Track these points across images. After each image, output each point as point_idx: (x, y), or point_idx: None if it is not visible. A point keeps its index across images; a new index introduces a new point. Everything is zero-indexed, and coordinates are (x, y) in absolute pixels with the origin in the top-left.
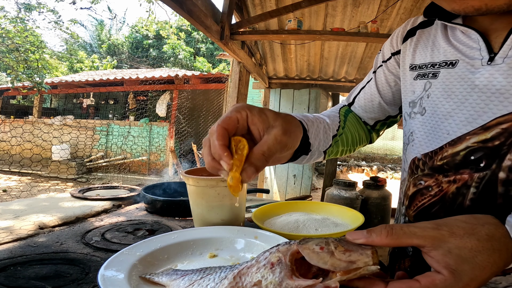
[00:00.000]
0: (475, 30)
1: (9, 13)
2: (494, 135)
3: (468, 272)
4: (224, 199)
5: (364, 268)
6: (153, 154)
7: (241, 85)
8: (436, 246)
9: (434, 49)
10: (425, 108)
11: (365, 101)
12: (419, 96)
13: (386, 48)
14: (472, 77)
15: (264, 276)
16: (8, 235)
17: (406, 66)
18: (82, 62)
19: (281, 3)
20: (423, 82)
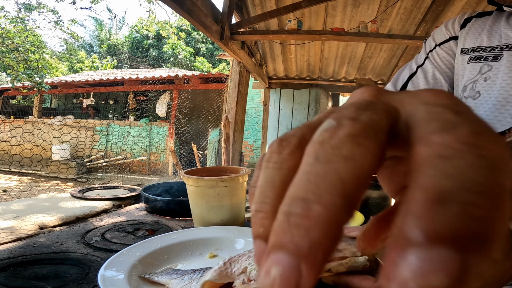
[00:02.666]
0: None
1: (9, 13)
2: None
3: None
4: (224, 199)
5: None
6: (153, 154)
7: (241, 85)
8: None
9: (493, 33)
10: (479, 91)
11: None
12: (471, 79)
13: (439, 34)
14: None
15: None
16: (8, 235)
17: (458, 52)
18: (82, 62)
19: (281, 3)
20: (478, 65)
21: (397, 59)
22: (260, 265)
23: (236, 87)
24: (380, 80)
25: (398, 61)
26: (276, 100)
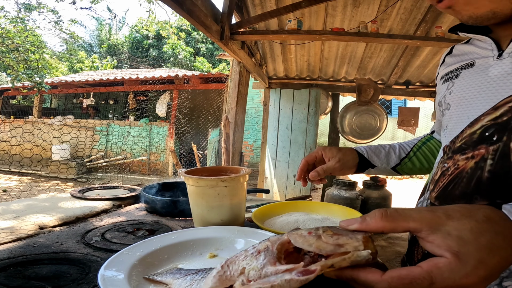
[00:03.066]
0: (489, 37)
1: (9, 13)
2: (503, 112)
3: (473, 253)
4: (224, 199)
5: (354, 253)
6: (153, 154)
7: (241, 85)
8: (434, 229)
9: (462, 57)
10: (449, 103)
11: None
12: (443, 95)
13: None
14: (486, 71)
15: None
16: (8, 235)
17: (439, 78)
18: (82, 62)
19: (281, 3)
20: (446, 84)
21: (397, 59)
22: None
23: (236, 87)
24: (380, 80)
25: (398, 61)
26: (276, 100)
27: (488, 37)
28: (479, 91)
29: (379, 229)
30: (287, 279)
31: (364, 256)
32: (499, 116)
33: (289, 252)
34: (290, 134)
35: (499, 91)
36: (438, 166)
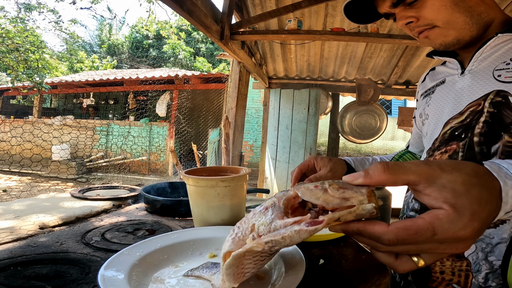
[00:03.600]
0: (456, 59)
1: (9, 13)
2: (467, 116)
3: (467, 206)
4: (224, 199)
5: (359, 207)
6: (153, 154)
7: (241, 85)
8: (431, 182)
9: (436, 77)
10: (427, 114)
11: (414, 139)
12: (422, 108)
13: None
14: (453, 85)
15: (257, 220)
16: (8, 235)
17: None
18: (82, 62)
19: (281, 3)
20: (425, 99)
21: (397, 59)
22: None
23: (236, 87)
24: (380, 80)
25: (398, 61)
26: (276, 100)
27: (455, 59)
28: (448, 101)
29: (382, 183)
30: (297, 230)
31: (368, 209)
32: (464, 118)
33: (294, 207)
34: (290, 134)
35: (463, 100)
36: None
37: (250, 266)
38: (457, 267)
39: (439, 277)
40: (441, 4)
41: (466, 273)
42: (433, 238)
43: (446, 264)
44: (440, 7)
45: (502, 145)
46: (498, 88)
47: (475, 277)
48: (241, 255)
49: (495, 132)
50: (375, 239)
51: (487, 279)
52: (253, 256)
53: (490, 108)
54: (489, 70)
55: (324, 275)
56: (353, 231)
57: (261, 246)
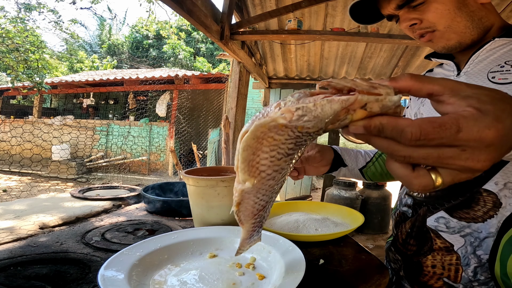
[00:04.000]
0: (453, 61)
1: (9, 13)
2: None
3: (492, 110)
4: (224, 199)
5: (386, 96)
6: (153, 154)
7: (241, 85)
8: (455, 93)
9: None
10: (422, 113)
11: None
12: (418, 107)
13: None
14: None
15: (284, 99)
16: (8, 235)
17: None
18: (82, 62)
19: (281, 3)
20: (421, 99)
21: (397, 59)
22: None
23: (236, 87)
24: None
25: (398, 61)
26: (276, 100)
27: (451, 61)
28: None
29: (407, 87)
30: (329, 99)
31: (395, 101)
32: None
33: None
34: None
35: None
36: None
37: (265, 163)
38: (447, 261)
39: (431, 271)
40: (445, 8)
41: (456, 267)
42: (457, 136)
43: (437, 258)
44: (443, 11)
45: None
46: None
47: (464, 270)
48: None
49: None
50: (397, 134)
51: (476, 273)
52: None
53: None
54: (484, 72)
55: (324, 275)
56: (375, 126)
57: (290, 114)
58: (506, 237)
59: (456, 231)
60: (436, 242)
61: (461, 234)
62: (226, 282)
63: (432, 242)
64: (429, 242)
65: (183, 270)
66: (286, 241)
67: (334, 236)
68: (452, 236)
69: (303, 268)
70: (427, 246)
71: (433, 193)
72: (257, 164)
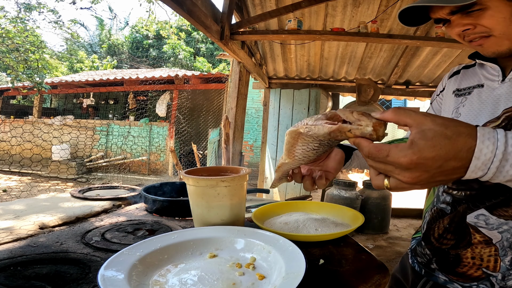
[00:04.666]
0: (498, 65)
1: (9, 13)
2: (502, 120)
3: (420, 144)
4: (224, 199)
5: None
6: (153, 154)
7: (241, 85)
8: (418, 127)
9: (472, 79)
10: (460, 113)
11: None
12: (456, 106)
13: (438, 87)
14: (492, 91)
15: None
16: (8, 235)
17: (449, 91)
18: (82, 62)
19: (281, 3)
20: (460, 98)
21: (397, 59)
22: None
23: (236, 87)
24: (380, 80)
25: (398, 61)
26: (276, 100)
27: (497, 65)
28: (486, 105)
29: (389, 119)
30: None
31: (367, 131)
32: (500, 123)
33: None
34: None
35: (500, 106)
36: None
37: (299, 150)
38: (487, 253)
39: (470, 262)
40: (501, 16)
41: (495, 257)
42: (387, 159)
43: (476, 250)
44: (499, 18)
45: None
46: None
47: (502, 260)
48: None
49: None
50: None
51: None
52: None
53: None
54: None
55: (324, 275)
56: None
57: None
58: None
59: (494, 228)
60: (476, 236)
61: (498, 230)
62: (226, 282)
63: (471, 237)
64: (468, 237)
65: (183, 270)
66: (286, 241)
67: (334, 236)
68: (491, 232)
69: (303, 268)
70: (466, 241)
71: (473, 192)
72: (293, 151)
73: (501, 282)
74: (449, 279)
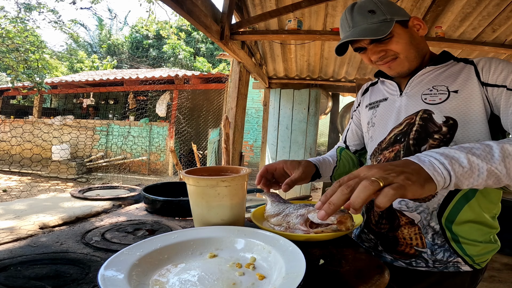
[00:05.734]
0: (395, 82)
1: (9, 13)
2: (404, 125)
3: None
4: (224, 199)
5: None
6: (153, 154)
7: (241, 85)
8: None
9: (378, 94)
10: (374, 122)
11: (352, 136)
12: (370, 117)
13: (355, 101)
14: (394, 103)
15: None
16: (8, 235)
17: (363, 106)
18: (82, 62)
19: (281, 3)
20: (371, 110)
21: None
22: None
23: (236, 87)
24: None
25: None
26: (276, 100)
27: (394, 82)
28: (391, 115)
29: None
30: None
31: (333, 228)
32: (402, 128)
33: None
34: (290, 134)
35: (401, 115)
36: (371, 161)
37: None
38: (412, 232)
39: (403, 242)
40: (404, 42)
41: (419, 235)
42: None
43: (404, 231)
44: (402, 43)
45: (428, 146)
46: (425, 107)
47: (426, 237)
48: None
49: (423, 137)
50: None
51: (434, 239)
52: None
53: (420, 121)
54: (419, 94)
55: (324, 275)
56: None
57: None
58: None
59: (413, 210)
60: (402, 219)
61: (417, 211)
62: (226, 282)
63: (399, 220)
64: (397, 220)
65: (183, 270)
66: (286, 241)
67: (334, 236)
68: (412, 214)
69: (303, 268)
70: (396, 223)
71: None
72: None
73: (432, 257)
74: (394, 257)
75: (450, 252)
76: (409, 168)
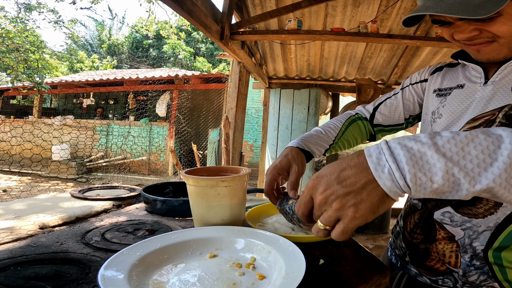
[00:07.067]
0: (481, 66)
1: (9, 13)
2: (480, 123)
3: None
4: (224, 199)
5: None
6: (153, 154)
7: (241, 85)
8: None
9: (453, 79)
10: (441, 113)
11: (389, 109)
12: (436, 106)
13: (414, 76)
14: (473, 93)
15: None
16: (8, 235)
17: (430, 90)
18: (82, 62)
19: (281, 3)
20: (440, 98)
21: (397, 59)
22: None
23: (236, 87)
24: (380, 80)
25: (398, 61)
26: (276, 100)
27: (480, 67)
28: (466, 107)
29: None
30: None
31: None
32: (477, 125)
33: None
34: (290, 134)
35: (479, 108)
36: None
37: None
38: (448, 249)
39: (436, 257)
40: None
41: (456, 253)
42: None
43: (439, 246)
44: (510, 26)
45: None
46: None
47: (463, 257)
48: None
49: None
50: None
51: (472, 259)
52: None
53: (503, 119)
54: (509, 84)
55: (324, 275)
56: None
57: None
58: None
59: (458, 225)
60: (440, 232)
61: (462, 227)
62: (226, 282)
63: (436, 233)
64: (433, 233)
65: (183, 270)
66: (286, 241)
67: None
68: (454, 229)
69: (303, 268)
70: (432, 236)
71: None
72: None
73: (462, 278)
74: (419, 272)
75: (487, 276)
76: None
